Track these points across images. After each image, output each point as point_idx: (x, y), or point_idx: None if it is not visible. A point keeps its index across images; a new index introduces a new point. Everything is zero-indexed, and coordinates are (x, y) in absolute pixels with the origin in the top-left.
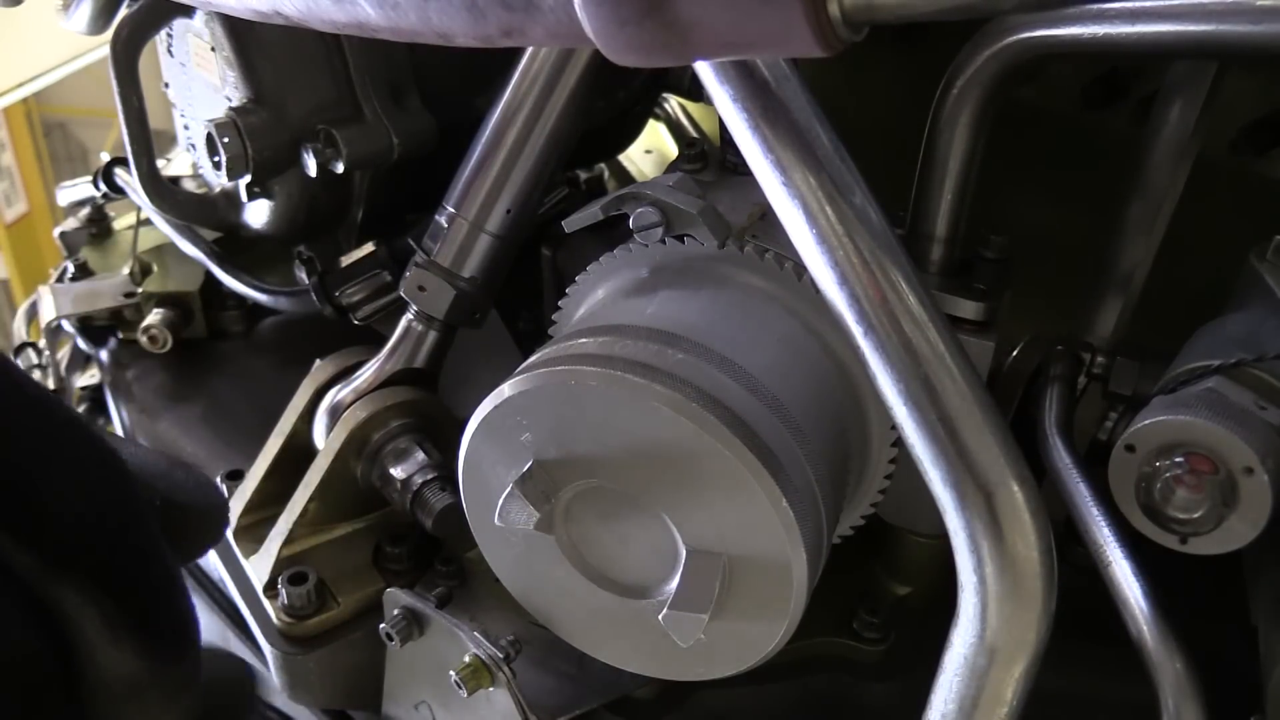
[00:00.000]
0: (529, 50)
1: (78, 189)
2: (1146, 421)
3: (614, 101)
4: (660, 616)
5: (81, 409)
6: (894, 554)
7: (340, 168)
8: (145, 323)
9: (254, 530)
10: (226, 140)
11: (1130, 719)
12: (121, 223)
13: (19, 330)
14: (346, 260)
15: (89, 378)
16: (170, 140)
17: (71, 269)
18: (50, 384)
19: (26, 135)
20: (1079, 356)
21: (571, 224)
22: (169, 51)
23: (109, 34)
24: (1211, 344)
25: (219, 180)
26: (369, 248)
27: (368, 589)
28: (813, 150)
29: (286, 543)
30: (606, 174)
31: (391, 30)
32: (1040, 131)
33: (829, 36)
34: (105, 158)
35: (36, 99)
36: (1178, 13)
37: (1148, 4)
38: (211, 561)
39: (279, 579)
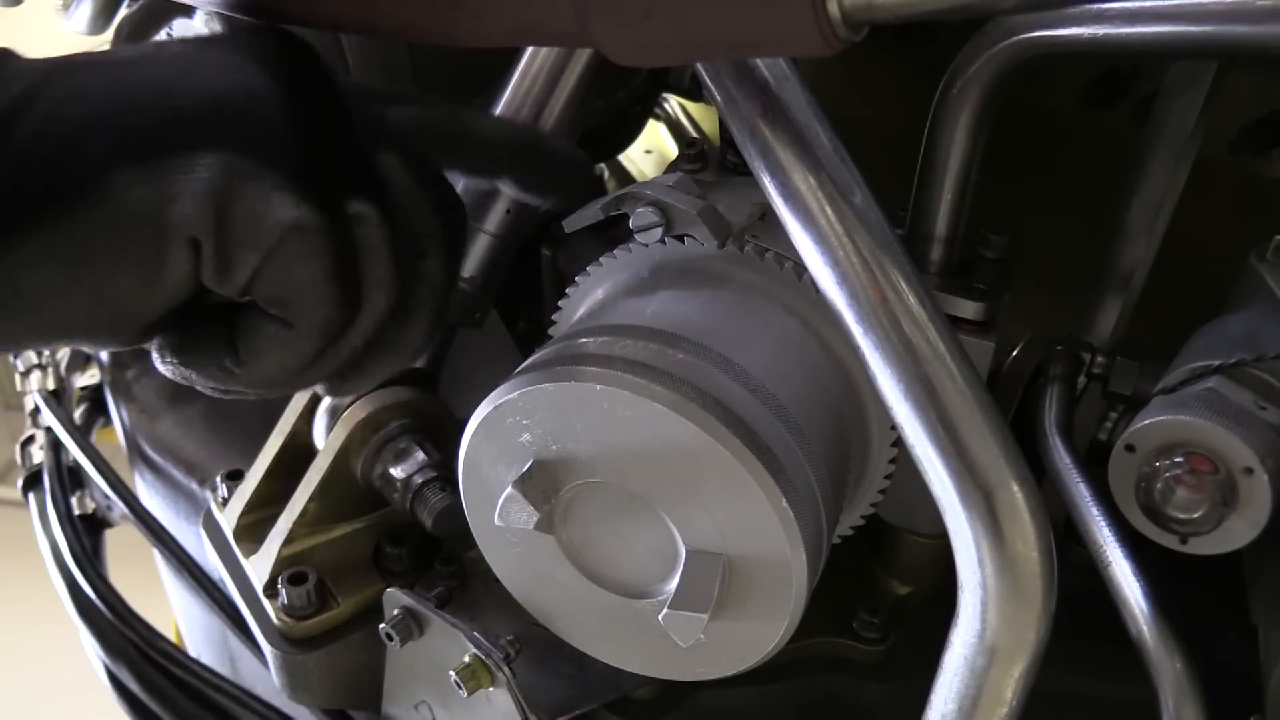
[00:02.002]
0: (529, 50)
1: None
2: (1146, 421)
3: (614, 101)
4: (660, 616)
5: (81, 409)
6: (894, 554)
7: None
8: None
9: (254, 530)
10: None
11: (1130, 719)
12: None
13: None
14: None
15: (89, 377)
16: None
17: None
18: (50, 384)
19: None
20: (1079, 356)
21: (571, 224)
22: None
23: (109, 34)
24: (1211, 344)
25: None
26: None
27: (368, 589)
28: (813, 150)
29: (286, 543)
30: (606, 174)
31: (392, 30)
32: (1040, 131)
33: (829, 36)
34: None
35: None
36: (1178, 13)
37: (1148, 4)
38: (211, 561)
39: (279, 579)
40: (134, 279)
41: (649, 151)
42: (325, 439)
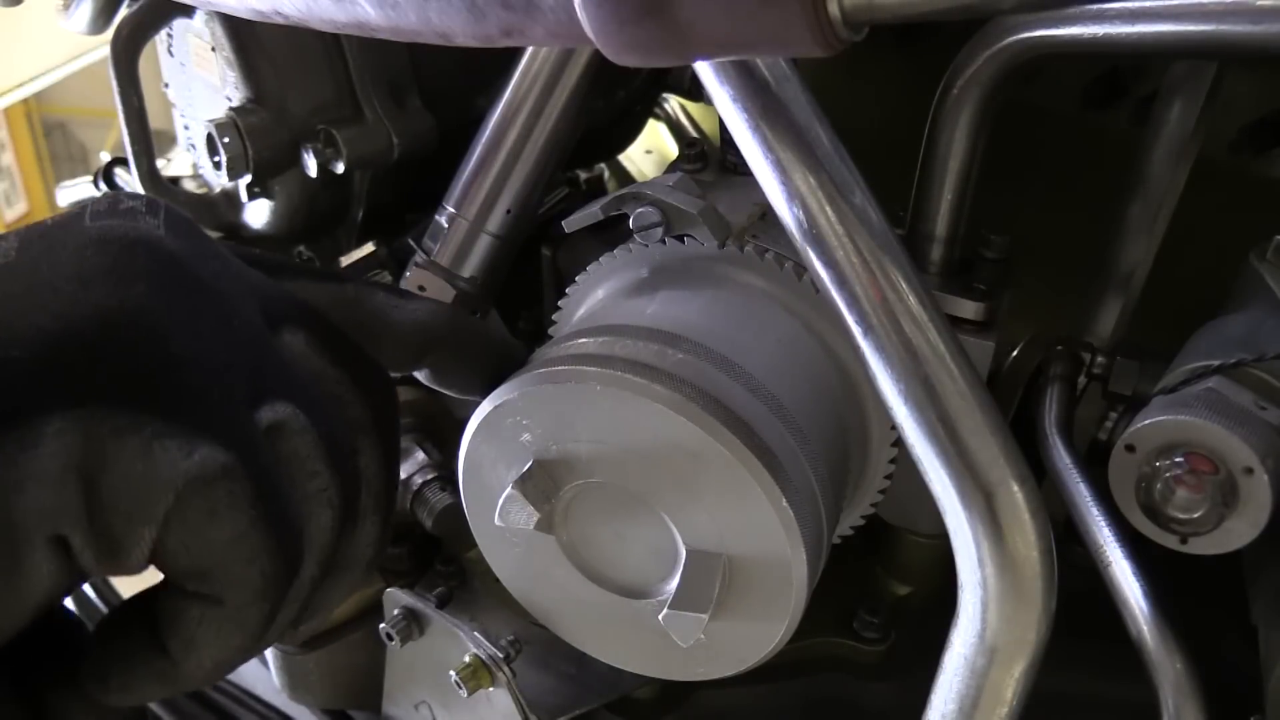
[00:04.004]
0: (529, 50)
1: (78, 189)
2: (1146, 421)
3: (614, 101)
4: (660, 616)
5: None
6: (894, 554)
7: (340, 168)
8: None
9: None
10: (226, 140)
11: (1130, 719)
12: None
13: None
14: (346, 260)
15: None
16: (170, 140)
17: None
18: None
19: (26, 135)
20: (1079, 356)
21: (571, 224)
22: (169, 51)
23: (109, 34)
24: (1211, 344)
25: (219, 180)
26: (369, 248)
27: (368, 589)
28: (813, 150)
29: None
30: (606, 174)
31: (391, 30)
32: (1040, 131)
33: (829, 36)
34: (105, 158)
35: (36, 99)
36: (1178, 13)
37: (1148, 4)
38: None
39: None
40: None
41: (649, 151)
42: None
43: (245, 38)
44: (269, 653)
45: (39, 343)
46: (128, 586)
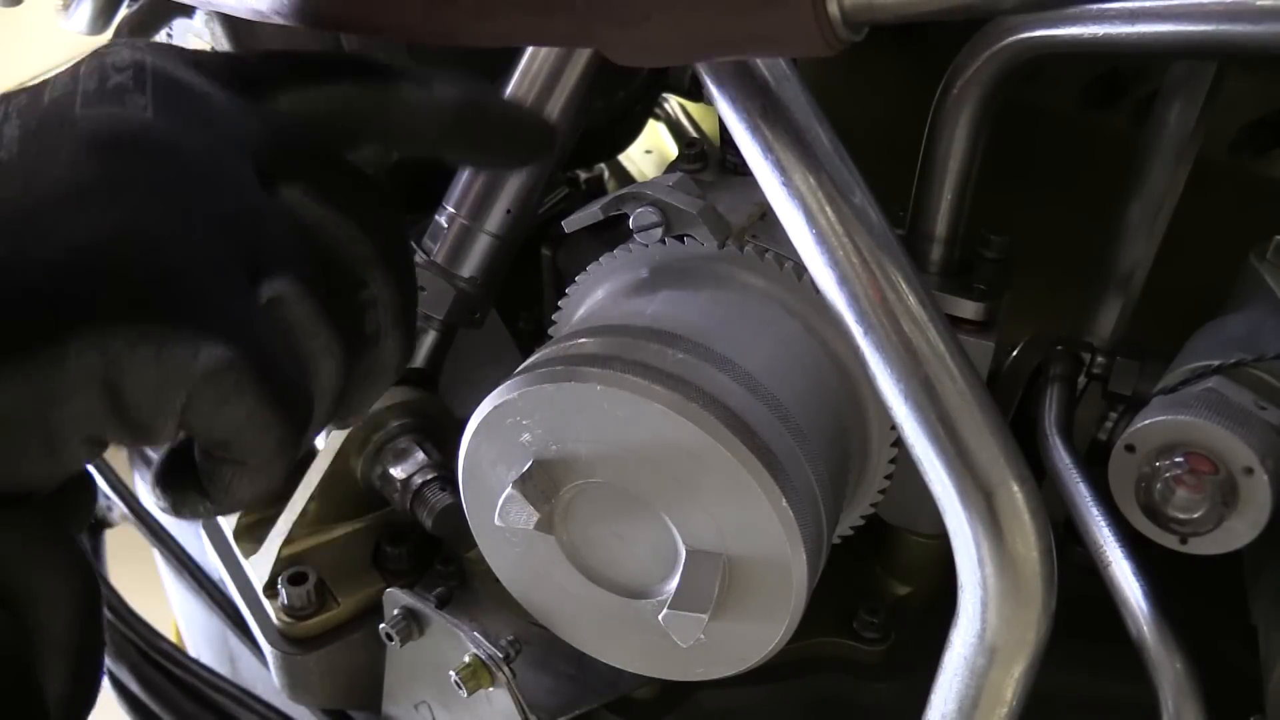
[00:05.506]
0: (529, 50)
1: None
2: (1146, 421)
3: (614, 101)
4: (660, 616)
5: None
6: (894, 554)
7: None
8: None
9: (254, 530)
10: None
11: (1130, 719)
12: None
13: None
14: None
15: None
16: None
17: None
18: None
19: None
20: (1079, 356)
21: (571, 224)
22: None
23: (109, 34)
24: (1211, 344)
25: None
26: None
27: (368, 589)
28: (813, 150)
29: (286, 542)
30: (606, 174)
31: (392, 30)
32: (1040, 131)
33: (829, 36)
34: None
35: None
36: (1178, 13)
37: (1148, 4)
38: (211, 561)
39: (279, 579)
40: (27, 470)
41: (649, 151)
42: (325, 439)
43: (245, 38)
44: (269, 653)
45: (50, 274)
46: (119, 557)
